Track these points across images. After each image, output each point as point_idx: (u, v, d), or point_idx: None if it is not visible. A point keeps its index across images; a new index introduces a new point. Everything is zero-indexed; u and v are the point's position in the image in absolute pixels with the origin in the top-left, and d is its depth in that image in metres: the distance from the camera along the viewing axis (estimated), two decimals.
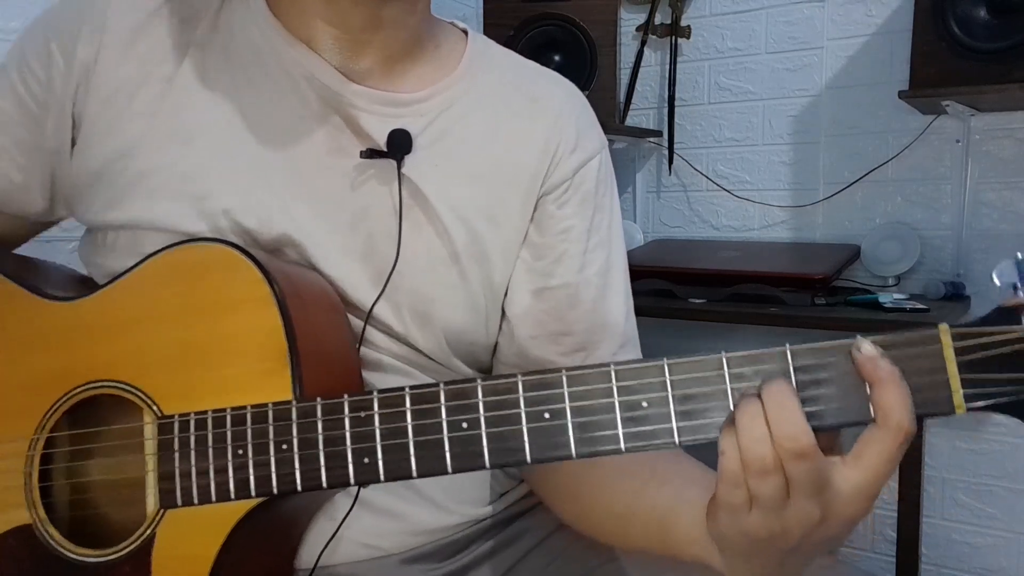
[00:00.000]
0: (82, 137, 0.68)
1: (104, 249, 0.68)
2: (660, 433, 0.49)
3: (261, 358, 0.58)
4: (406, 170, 0.68)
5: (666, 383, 0.49)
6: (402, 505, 0.69)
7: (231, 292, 0.59)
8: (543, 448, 0.51)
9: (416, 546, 0.71)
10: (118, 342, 0.62)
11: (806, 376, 0.48)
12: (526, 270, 0.73)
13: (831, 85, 1.96)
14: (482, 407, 0.52)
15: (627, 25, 2.19)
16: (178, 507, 0.58)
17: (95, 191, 0.68)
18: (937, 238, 1.87)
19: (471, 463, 0.52)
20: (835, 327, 1.62)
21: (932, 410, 0.46)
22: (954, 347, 0.46)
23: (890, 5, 1.88)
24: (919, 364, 0.47)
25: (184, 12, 0.69)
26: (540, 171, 0.72)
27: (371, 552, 0.69)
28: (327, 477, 0.54)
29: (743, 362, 0.48)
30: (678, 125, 2.14)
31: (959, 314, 1.75)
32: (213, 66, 0.68)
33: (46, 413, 0.62)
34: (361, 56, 0.69)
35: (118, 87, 0.67)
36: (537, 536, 0.77)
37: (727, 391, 0.48)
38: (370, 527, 0.68)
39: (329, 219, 0.67)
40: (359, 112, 0.68)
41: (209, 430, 0.57)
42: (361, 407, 0.54)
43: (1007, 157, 1.80)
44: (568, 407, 0.50)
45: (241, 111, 0.67)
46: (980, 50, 1.58)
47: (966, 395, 0.46)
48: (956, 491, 1.88)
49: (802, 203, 2.02)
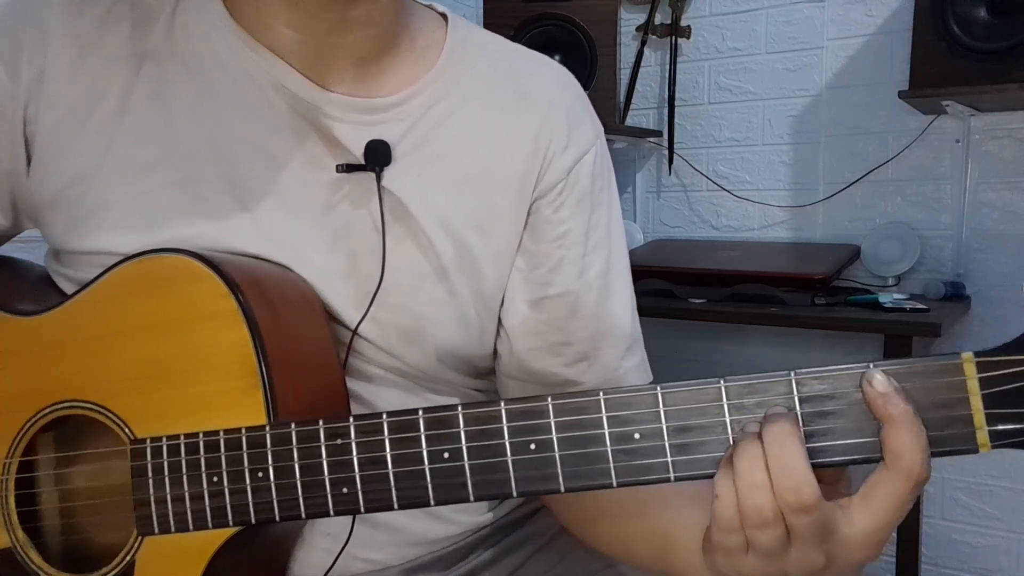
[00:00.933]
0: (36, 158, 0.63)
1: (68, 264, 0.66)
2: (654, 468, 0.46)
3: (231, 376, 0.55)
4: (386, 182, 0.63)
5: (660, 414, 0.46)
6: (399, 517, 0.67)
7: (197, 306, 0.57)
8: (530, 481, 0.48)
9: (415, 557, 0.70)
10: (86, 359, 0.59)
11: (812, 408, 0.44)
12: (522, 279, 0.69)
13: (831, 85, 1.96)
14: (464, 436, 0.49)
15: (627, 25, 2.18)
16: (155, 534, 0.56)
17: (53, 215, 0.64)
18: (937, 238, 1.86)
19: (454, 495, 0.49)
20: (835, 327, 1.62)
21: (953, 448, 0.42)
22: (979, 378, 0.41)
23: (890, 5, 1.87)
24: (939, 397, 0.42)
25: (135, 16, 0.64)
26: (531, 173, 0.68)
27: (368, 566, 0.67)
28: (305, 507, 0.52)
29: (744, 391, 0.45)
30: (678, 125, 2.14)
31: (959, 314, 1.75)
32: (172, 80, 0.63)
33: (16, 435, 0.61)
34: (331, 61, 0.64)
35: (70, 107, 0.62)
36: (538, 542, 0.76)
37: (726, 423, 0.45)
38: (367, 540, 0.66)
39: (308, 238, 0.64)
40: (333, 122, 0.64)
41: (183, 456, 0.55)
42: (337, 434, 0.51)
43: (1007, 157, 1.80)
44: (555, 438, 0.47)
45: (206, 129, 0.63)
46: (980, 50, 1.58)
47: (991, 432, 0.41)
48: (956, 491, 1.88)
49: (802, 203, 2.02)
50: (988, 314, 1.81)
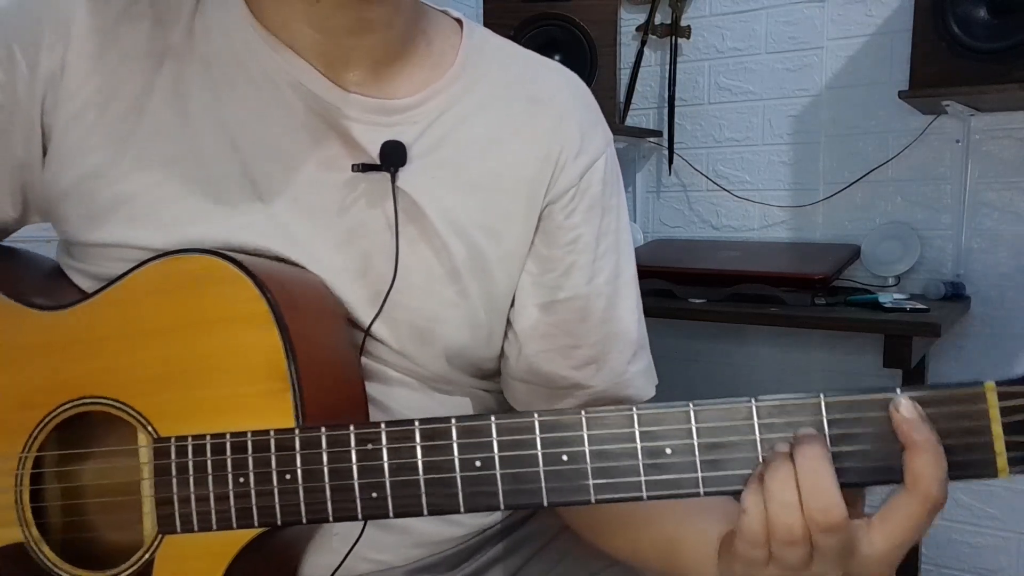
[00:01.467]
0: (51, 151, 0.64)
1: (85, 257, 0.66)
2: (684, 483, 0.47)
3: (260, 378, 0.56)
4: (401, 183, 0.64)
5: (692, 430, 0.47)
6: (408, 519, 0.67)
7: (227, 308, 0.57)
8: (561, 492, 0.49)
9: (420, 558, 0.70)
10: (109, 356, 0.59)
11: (839, 430, 0.45)
12: (532, 283, 0.69)
13: (831, 85, 1.96)
14: (496, 446, 0.49)
15: (627, 25, 2.19)
16: (177, 533, 0.56)
17: (68, 208, 0.64)
18: (937, 238, 1.87)
19: (484, 503, 0.50)
20: (835, 327, 1.62)
21: (973, 473, 0.44)
22: (1000, 407, 0.43)
23: (890, 5, 1.88)
24: (961, 425, 0.44)
25: (155, 13, 0.64)
26: (543, 179, 0.69)
27: (373, 566, 0.67)
28: (334, 510, 0.52)
29: (774, 412, 0.46)
30: (678, 125, 2.14)
31: (959, 314, 1.75)
32: (192, 78, 0.64)
33: (34, 430, 0.60)
34: (348, 62, 0.65)
35: (88, 100, 0.63)
36: (541, 541, 0.77)
37: (756, 442, 0.46)
38: (372, 541, 0.66)
39: (322, 237, 0.64)
40: (350, 122, 0.64)
41: (208, 456, 0.55)
42: (368, 439, 0.52)
43: (1007, 157, 1.80)
44: (588, 451, 0.48)
45: (225, 127, 0.63)
46: (980, 50, 1.58)
47: (1011, 459, 0.43)
48: (956, 491, 1.87)
49: (802, 203, 2.02)
50: (988, 314, 1.81)
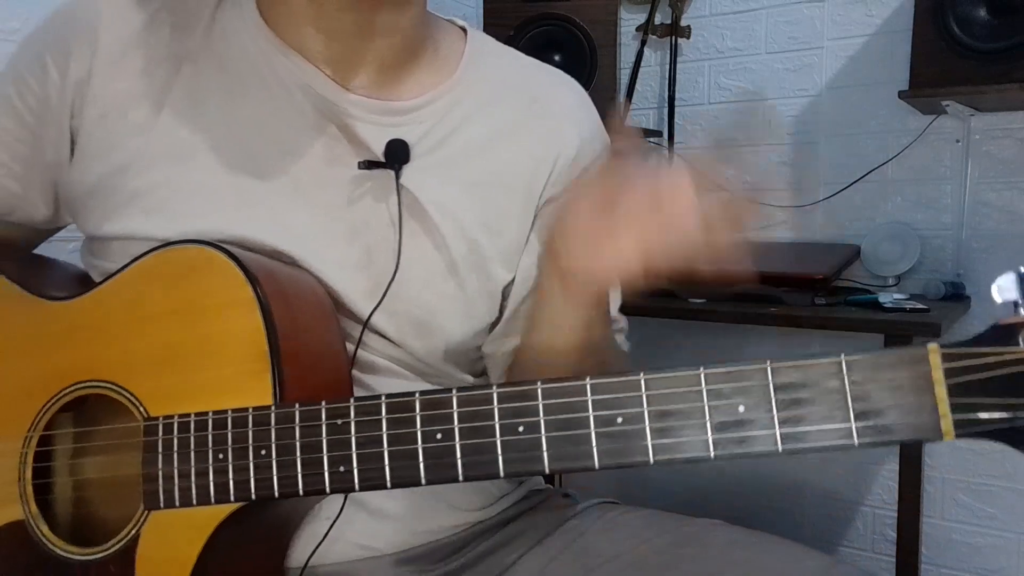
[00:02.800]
0: (78, 151, 0.68)
1: (100, 254, 0.69)
2: (634, 450, 0.48)
3: (243, 360, 0.58)
4: (404, 180, 0.67)
5: (642, 398, 0.48)
6: (397, 505, 0.70)
7: (215, 294, 0.60)
8: (515, 462, 0.50)
9: (411, 546, 0.71)
10: (108, 343, 0.63)
11: (786, 395, 0.46)
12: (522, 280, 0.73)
13: (831, 85, 1.96)
14: (456, 418, 0.51)
15: (627, 25, 2.18)
16: (161, 508, 0.58)
17: (91, 204, 0.68)
18: (937, 238, 1.86)
19: (444, 474, 0.52)
20: (835, 327, 1.62)
21: (918, 435, 0.44)
22: (943, 368, 0.44)
23: (890, 5, 1.87)
24: (906, 385, 0.44)
25: (176, 19, 0.69)
26: (541, 178, 0.72)
27: (365, 552, 0.69)
28: (303, 484, 0.54)
29: (722, 379, 0.47)
30: (678, 125, 2.14)
31: (959, 314, 1.75)
32: (207, 80, 0.67)
33: (39, 411, 0.64)
34: (356, 64, 0.68)
35: (112, 103, 0.67)
36: (533, 538, 0.77)
37: (704, 409, 0.47)
38: (364, 527, 0.68)
39: (327, 231, 0.67)
40: (355, 122, 0.67)
41: (191, 433, 0.58)
42: (338, 415, 0.54)
43: (1007, 157, 1.80)
44: (543, 420, 0.50)
45: (237, 126, 0.67)
46: (980, 50, 1.58)
47: (956, 421, 0.43)
48: (956, 491, 1.88)
49: (802, 203, 2.02)
50: (988, 314, 1.79)
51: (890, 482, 1.93)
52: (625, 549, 0.74)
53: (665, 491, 2.12)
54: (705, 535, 0.74)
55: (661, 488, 2.10)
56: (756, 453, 0.46)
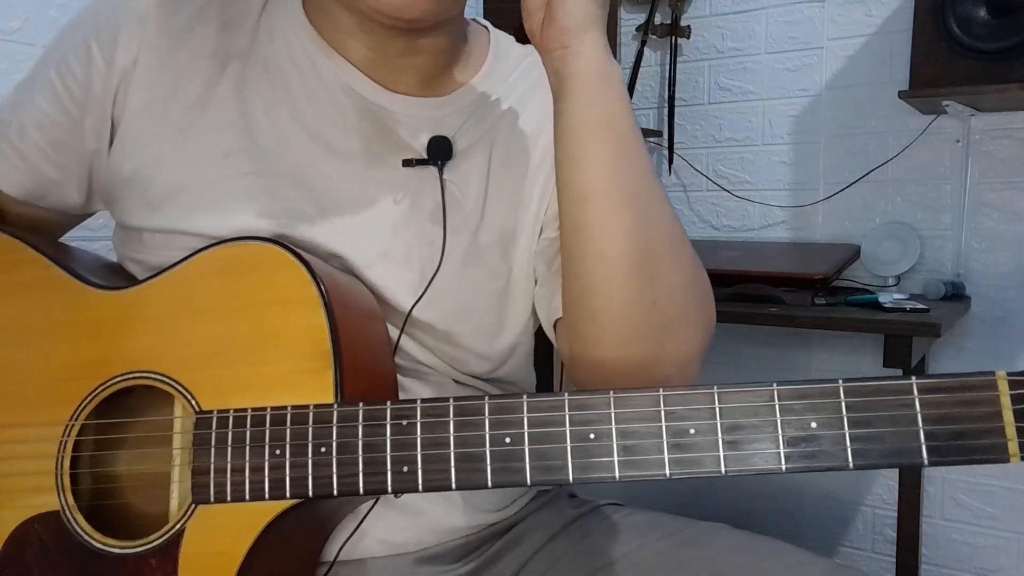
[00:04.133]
0: (118, 139, 0.68)
1: (141, 246, 0.69)
2: (706, 461, 0.49)
3: (304, 357, 0.58)
4: (446, 175, 0.70)
5: (715, 411, 0.49)
6: (422, 502, 0.70)
7: (278, 291, 0.60)
8: (585, 469, 0.51)
9: (430, 544, 0.72)
10: (159, 334, 0.62)
11: (857, 414, 0.48)
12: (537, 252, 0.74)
13: (831, 85, 1.96)
14: (526, 423, 0.52)
15: (627, 25, 2.19)
16: (211, 503, 0.57)
17: (129, 194, 0.68)
18: (937, 238, 1.87)
19: (511, 478, 0.52)
20: (835, 327, 1.62)
21: (987, 457, 0.47)
22: (1011, 395, 0.47)
23: (890, 5, 1.87)
24: (974, 411, 0.47)
25: (224, 17, 0.70)
26: None
27: (387, 548, 0.70)
28: (364, 483, 0.54)
29: (794, 395, 0.49)
30: (678, 125, 2.14)
31: (959, 314, 1.75)
32: (253, 79, 0.69)
33: (83, 400, 0.63)
34: (398, 77, 0.70)
35: (155, 95, 0.67)
36: (541, 538, 0.78)
37: (777, 423, 0.49)
38: (390, 522, 0.69)
39: (370, 229, 0.68)
40: (397, 122, 0.70)
41: (248, 427, 0.57)
42: (403, 415, 0.54)
43: (1007, 157, 1.80)
44: (614, 428, 0.50)
45: (280, 125, 0.68)
46: (980, 50, 1.58)
47: (1021, 444, 0.46)
48: (956, 491, 1.88)
49: (802, 203, 2.02)
50: (988, 314, 1.81)
51: (890, 482, 1.93)
52: (630, 550, 0.74)
53: (668, 490, 2.12)
54: (708, 538, 0.74)
55: (664, 487, 2.09)
56: (825, 467, 0.48)
